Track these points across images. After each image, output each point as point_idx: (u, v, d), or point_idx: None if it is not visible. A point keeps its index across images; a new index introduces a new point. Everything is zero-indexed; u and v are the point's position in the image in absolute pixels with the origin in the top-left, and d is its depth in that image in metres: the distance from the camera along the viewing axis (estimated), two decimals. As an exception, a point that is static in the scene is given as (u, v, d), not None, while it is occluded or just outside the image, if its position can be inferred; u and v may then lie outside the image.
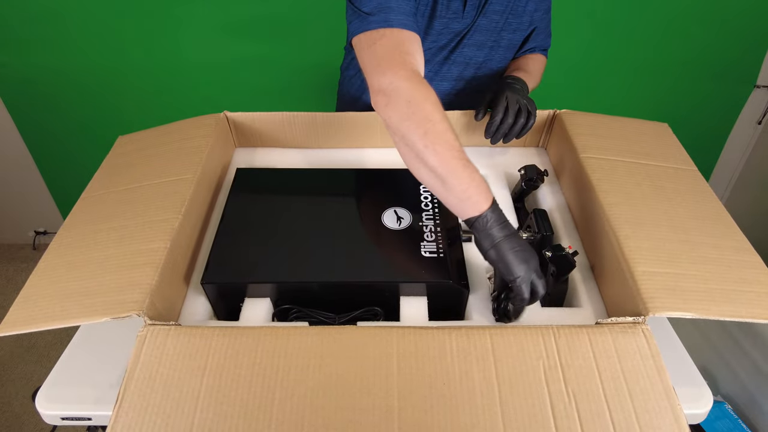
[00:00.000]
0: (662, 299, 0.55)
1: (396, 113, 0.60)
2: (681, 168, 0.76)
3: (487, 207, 0.59)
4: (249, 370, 0.51)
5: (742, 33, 1.50)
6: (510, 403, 0.49)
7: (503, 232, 0.59)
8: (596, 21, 1.49)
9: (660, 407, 0.49)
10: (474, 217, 0.59)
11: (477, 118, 0.86)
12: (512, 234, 0.59)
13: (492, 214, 0.59)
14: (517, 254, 0.58)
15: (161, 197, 0.70)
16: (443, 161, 0.58)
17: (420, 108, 0.59)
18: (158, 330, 0.55)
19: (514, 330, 0.55)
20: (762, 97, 1.64)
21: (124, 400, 0.49)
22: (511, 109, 0.81)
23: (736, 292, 0.57)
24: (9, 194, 1.90)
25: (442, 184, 0.59)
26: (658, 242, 0.62)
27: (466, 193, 0.59)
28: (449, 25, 0.85)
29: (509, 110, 0.81)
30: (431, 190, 0.62)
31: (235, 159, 0.93)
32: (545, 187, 0.85)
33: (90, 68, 1.54)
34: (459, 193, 0.59)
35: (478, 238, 0.60)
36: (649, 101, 1.67)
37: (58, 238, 0.67)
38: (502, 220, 0.60)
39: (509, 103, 0.81)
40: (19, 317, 0.57)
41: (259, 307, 0.65)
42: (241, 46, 1.49)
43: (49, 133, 1.70)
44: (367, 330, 0.55)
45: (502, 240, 0.58)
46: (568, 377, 0.51)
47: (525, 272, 0.58)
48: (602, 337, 0.54)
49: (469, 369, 0.51)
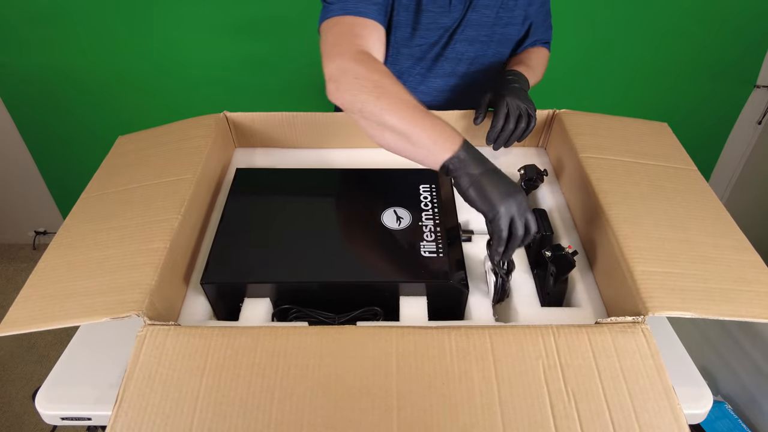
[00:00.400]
0: (662, 299, 0.55)
1: (348, 92, 0.61)
2: (681, 167, 0.76)
3: (458, 146, 0.58)
4: (248, 369, 0.51)
5: (742, 33, 1.50)
6: (509, 403, 0.49)
7: (480, 168, 0.57)
8: (596, 21, 1.49)
9: (659, 407, 0.49)
10: (447, 160, 0.58)
11: (476, 122, 0.86)
12: (492, 170, 0.58)
13: (465, 152, 0.57)
14: (498, 187, 0.56)
15: (161, 197, 0.70)
16: (402, 117, 0.58)
17: (368, 79, 0.60)
18: (158, 330, 0.55)
19: (513, 330, 0.55)
20: (762, 97, 1.64)
21: (123, 400, 0.49)
22: (512, 115, 0.80)
23: (736, 291, 0.57)
24: (9, 194, 1.90)
25: (407, 140, 0.59)
26: (657, 242, 0.62)
27: (431, 139, 0.58)
28: (437, 20, 0.84)
29: (510, 116, 0.80)
30: (402, 154, 0.61)
31: (235, 159, 0.93)
32: (545, 186, 0.85)
33: (90, 68, 1.54)
34: (426, 143, 0.58)
35: (457, 180, 0.58)
36: (649, 101, 1.67)
37: (58, 238, 0.68)
38: (479, 157, 0.58)
39: (510, 109, 0.80)
40: (18, 317, 0.57)
41: (259, 307, 0.65)
42: (241, 46, 1.49)
43: (49, 133, 1.70)
44: (366, 330, 0.55)
45: (481, 175, 0.56)
46: (568, 377, 0.51)
47: (506, 207, 0.55)
48: (602, 337, 0.54)
49: (468, 368, 0.51)
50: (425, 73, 0.92)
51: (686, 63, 1.57)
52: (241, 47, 1.49)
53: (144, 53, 1.51)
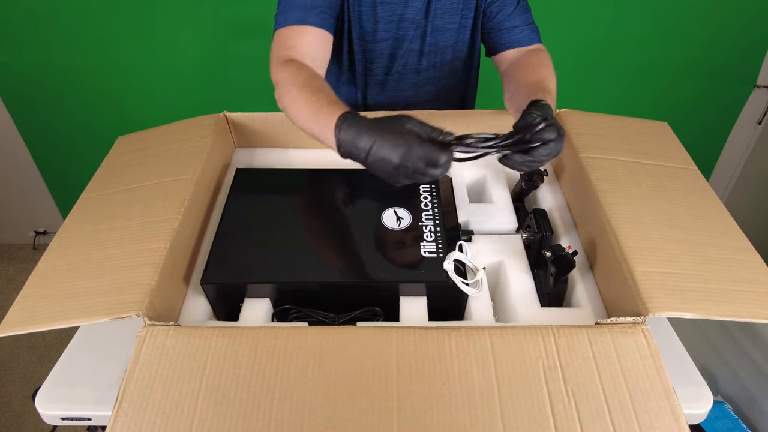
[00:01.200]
0: (662, 299, 0.55)
1: (279, 102, 0.70)
2: (681, 167, 0.76)
3: (336, 145, 0.57)
4: (248, 370, 0.51)
5: (742, 33, 1.50)
6: (509, 404, 0.49)
7: (362, 149, 0.54)
8: (596, 21, 1.49)
9: (660, 407, 0.49)
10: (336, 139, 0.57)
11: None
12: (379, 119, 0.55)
13: (342, 144, 0.56)
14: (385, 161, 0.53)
15: (161, 197, 0.70)
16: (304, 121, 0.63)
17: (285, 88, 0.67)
18: (158, 330, 0.54)
19: (513, 330, 0.55)
20: (762, 97, 1.64)
21: (123, 400, 0.49)
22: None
23: (737, 291, 0.57)
24: (9, 194, 1.90)
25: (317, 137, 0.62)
26: (657, 242, 0.62)
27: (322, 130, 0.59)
28: (395, 11, 0.85)
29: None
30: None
31: (235, 159, 0.93)
32: (545, 186, 0.85)
33: (90, 68, 1.54)
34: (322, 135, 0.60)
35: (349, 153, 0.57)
36: (649, 101, 1.67)
37: (58, 239, 0.67)
38: (355, 137, 0.55)
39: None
40: (18, 318, 0.57)
41: (259, 308, 0.65)
42: (241, 45, 1.49)
43: (49, 133, 1.70)
44: (366, 330, 0.55)
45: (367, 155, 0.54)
46: (568, 377, 0.51)
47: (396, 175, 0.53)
48: (602, 337, 0.54)
49: (468, 369, 0.51)
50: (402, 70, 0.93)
51: (686, 63, 1.57)
52: (241, 47, 1.49)
53: (144, 53, 1.51)
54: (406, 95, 0.98)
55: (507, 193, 0.84)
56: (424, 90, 0.97)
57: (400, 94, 0.97)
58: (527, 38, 0.88)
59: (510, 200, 0.82)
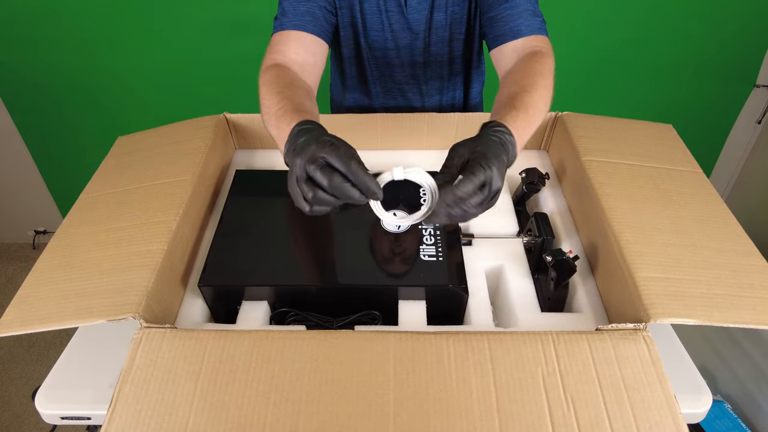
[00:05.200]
0: (664, 305, 0.54)
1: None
2: (685, 170, 0.75)
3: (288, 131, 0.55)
4: (244, 374, 0.51)
5: (742, 33, 1.49)
6: (508, 410, 0.48)
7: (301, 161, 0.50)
8: (596, 22, 1.48)
9: (660, 416, 0.48)
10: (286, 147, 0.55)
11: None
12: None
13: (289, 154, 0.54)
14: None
15: (159, 199, 0.69)
16: (273, 129, 0.62)
17: (262, 96, 0.67)
18: (153, 333, 0.54)
19: (512, 336, 0.54)
20: (762, 96, 1.63)
21: (117, 403, 0.49)
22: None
23: (741, 297, 0.56)
24: (9, 194, 1.90)
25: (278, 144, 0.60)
26: (660, 247, 0.61)
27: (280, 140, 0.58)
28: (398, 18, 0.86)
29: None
30: None
31: (235, 160, 0.92)
32: (546, 190, 0.84)
33: (90, 68, 1.54)
34: (279, 141, 0.59)
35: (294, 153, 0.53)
36: (649, 102, 1.67)
37: (56, 239, 0.67)
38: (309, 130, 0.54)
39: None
40: (15, 318, 0.57)
41: (257, 310, 0.65)
42: (241, 46, 1.49)
43: (49, 133, 1.71)
44: (363, 334, 0.54)
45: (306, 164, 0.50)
46: (567, 384, 0.50)
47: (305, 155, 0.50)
48: (602, 344, 0.53)
49: (466, 375, 0.51)
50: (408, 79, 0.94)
51: (686, 63, 1.56)
52: (241, 47, 1.49)
53: (144, 53, 1.51)
54: (412, 99, 0.99)
55: (508, 196, 0.83)
56: (427, 94, 0.98)
57: (406, 96, 0.98)
58: (526, 27, 0.75)
59: (511, 203, 0.82)
